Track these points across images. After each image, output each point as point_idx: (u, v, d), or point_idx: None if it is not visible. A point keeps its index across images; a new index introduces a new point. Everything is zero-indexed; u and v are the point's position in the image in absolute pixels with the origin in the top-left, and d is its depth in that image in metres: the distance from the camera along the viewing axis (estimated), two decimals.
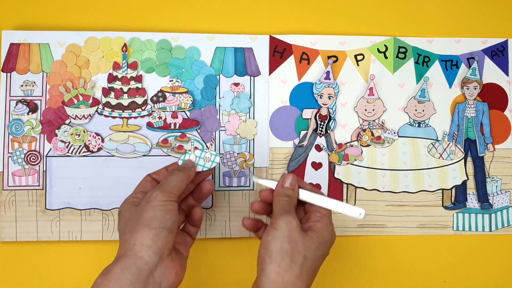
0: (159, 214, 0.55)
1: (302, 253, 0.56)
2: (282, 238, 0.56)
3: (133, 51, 0.75)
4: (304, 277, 0.56)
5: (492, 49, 0.78)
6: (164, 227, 0.55)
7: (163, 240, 0.54)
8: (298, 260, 0.56)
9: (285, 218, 0.58)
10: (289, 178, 0.62)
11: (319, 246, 0.58)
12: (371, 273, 0.76)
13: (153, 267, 0.54)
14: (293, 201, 0.61)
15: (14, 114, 0.73)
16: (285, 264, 0.55)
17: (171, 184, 0.59)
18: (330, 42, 0.77)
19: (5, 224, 0.72)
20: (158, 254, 0.54)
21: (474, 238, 0.77)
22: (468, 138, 0.78)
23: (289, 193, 0.61)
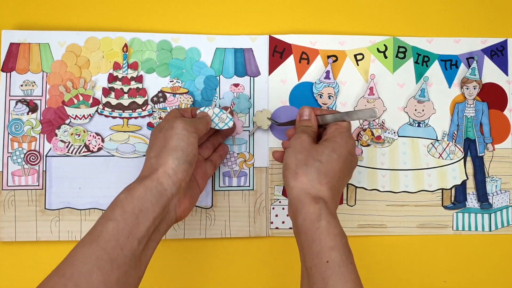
0: (183, 144, 0.57)
1: (316, 158, 0.59)
2: (294, 151, 0.61)
3: (133, 51, 0.75)
4: (323, 179, 0.58)
5: (492, 49, 0.79)
6: (186, 160, 0.57)
7: (183, 172, 0.57)
8: (313, 164, 0.59)
9: (296, 136, 0.63)
10: (305, 111, 0.67)
11: (333, 150, 0.61)
12: (371, 273, 0.76)
13: (170, 195, 0.56)
14: (311, 128, 0.66)
15: (14, 114, 0.73)
16: (301, 170, 0.59)
17: (194, 121, 0.62)
18: (330, 41, 0.77)
19: (5, 224, 0.71)
20: (176, 184, 0.56)
21: (474, 238, 0.77)
22: (468, 138, 0.78)
23: (306, 123, 0.66)
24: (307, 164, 0.59)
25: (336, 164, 0.60)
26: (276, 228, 0.75)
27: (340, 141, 0.62)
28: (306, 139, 0.62)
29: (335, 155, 0.60)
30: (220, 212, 0.74)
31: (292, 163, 0.60)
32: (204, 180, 0.66)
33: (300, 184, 0.58)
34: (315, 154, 0.60)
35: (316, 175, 0.58)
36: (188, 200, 0.60)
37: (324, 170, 0.59)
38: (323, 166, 0.59)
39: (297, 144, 0.62)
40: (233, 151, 0.75)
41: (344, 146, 0.62)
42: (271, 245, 0.75)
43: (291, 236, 0.75)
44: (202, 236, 0.74)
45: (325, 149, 0.61)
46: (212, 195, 0.74)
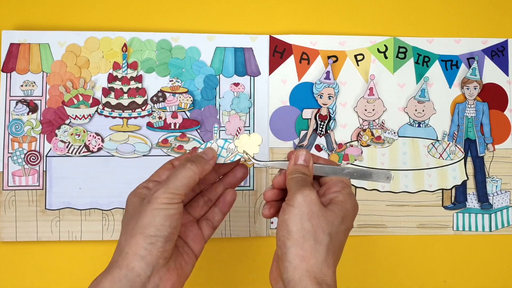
0: (157, 220, 0.48)
1: (326, 231, 0.49)
2: (301, 215, 0.49)
3: (133, 51, 0.75)
4: (330, 259, 0.49)
5: (492, 49, 0.78)
6: (161, 235, 0.48)
7: (158, 250, 0.48)
8: (323, 241, 0.48)
9: (303, 192, 0.50)
10: (302, 154, 0.54)
11: (342, 220, 0.50)
12: (371, 273, 0.76)
13: (145, 279, 0.48)
14: (308, 178, 0.53)
15: (14, 114, 0.73)
16: (308, 246, 0.48)
17: (178, 182, 0.50)
18: (330, 42, 0.77)
19: (5, 224, 0.72)
20: (151, 265, 0.48)
21: (474, 238, 0.77)
22: (468, 138, 0.78)
23: (304, 170, 0.53)
24: (316, 240, 0.48)
25: (343, 237, 0.51)
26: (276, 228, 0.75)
27: (350, 208, 0.51)
28: (315, 199, 0.49)
29: (344, 227, 0.50)
30: None
31: (298, 233, 0.48)
32: (199, 244, 0.55)
33: (306, 266, 0.47)
34: (325, 224, 0.49)
35: (325, 255, 0.48)
36: (175, 275, 0.51)
37: (333, 248, 0.49)
38: (332, 242, 0.49)
39: (304, 205, 0.49)
40: None
41: (352, 215, 0.52)
42: (271, 245, 0.75)
43: None
44: None
45: (335, 219, 0.50)
46: None
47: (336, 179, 0.54)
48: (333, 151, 0.76)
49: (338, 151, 0.76)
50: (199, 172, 0.51)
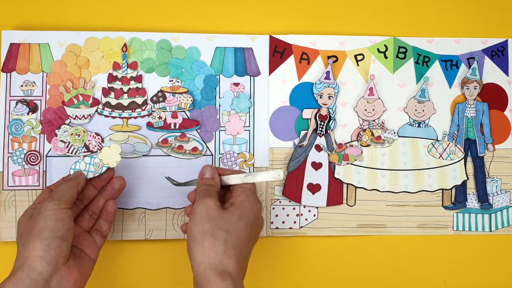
0: (50, 223, 0.55)
1: (223, 228, 0.57)
2: (201, 219, 0.57)
3: (133, 51, 0.75)
4: (230, 251, 0.56)
5: (492, 49, 0.79)
6: (56, 236, 0.55)
7: (56, 249, 0.54)
8: (220, 236, 0.56)
9: (201, 201, 0.59)
10: (207, 169, 0.64)
11: (241, 217, 0.58)
12: (371, 273, 0.76)
13: (48, 277, 0.54)
14: (214, 188, 0.62)
15: (14, 114, 0.73)
16: (207, 242, 0.56)
17: (61, 192, 0.59)
18: (330, 42, 0.77)
19: (5, 224, 0.72)
20: (51, 264, 0.54)
21: (474, 238, 0.77)
22: (468, 138, 0.78)
23: (209, 182, 0.63)
24: (215, 236, 0.56)
25: (244, 231, 0.58)
26: (276, 228, 0.75)
27: (248, 206, 0.60)
28: (213, 204, 0.58)
29: (243, 223, 0.58)
30: None
31: (198, 234, 0.56)
32: (93, 249, 0.62)
33: (207, 259, 0.55)
34: (222, 223, 0.57)
35: (223, 248, 0.55)
36: (76, 272, 0.57)
37: (232, 242, 0.56)
38: (231, 236, 0.56)
39: (203, 211, 0.58)
40: (233, 151, 0.75)
41: (251, 211, 0.60)
42: (271, 245, 0.75)
43: (291, 236, 0.75)
44: None
45: (232, 217, 0.58)
46: None
47: (238, 186, 0.64)
48: (333, 151, 0.76)
49: (338, 151, 0.76)
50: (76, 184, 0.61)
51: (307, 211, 0.75)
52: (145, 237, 0.73)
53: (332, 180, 0.76)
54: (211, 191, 0.61)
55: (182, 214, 0.74)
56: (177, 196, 0.73)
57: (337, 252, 0.76)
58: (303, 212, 0.75)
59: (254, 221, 0.60)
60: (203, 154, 0.74)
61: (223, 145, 0.75)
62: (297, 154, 0.76)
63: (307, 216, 0.75)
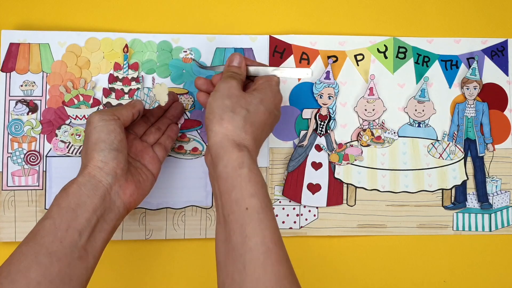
0: (102, 135, 0.57)
1: (243, 107, 0.58)
2: (222, 96, 0.58)
3: (134, 52, 0.75)
4: (248, 128, 0.57)
5: (492, 49, 0.79)
6: (111, 148, 0.57)
7: (113, 160, 0.57)
8: (240, 113, 0.57)
9: (224, 80, 0.61)
10: (236, 57, 0.64)
11: (261, 101, 0.59)
12: (371, 273, 0.76)
13: (107, 185, 0.57)
14: (240, 76, 0.63)
15: (14, 114, 0.73)
16: (226, 116, 0.57)
17: (113, 109, 0.61)
18: (330, 42, 0.77)
19: (5, 225, 0.71)
20: (110, 174, 0.57)
21: (474, 238, 0.77)
22: (468, 138, 0.78)
23: (235, 70, 0.64)
24: (234, 111, 0.57)
25: (262, 115, 0.59)
26: None
27: (270, 94, 0.61)
28: (236, 85, 0.60)
29: (263, 107, 0.59)
30: None
31: (218, 108, 0.57)
32: (155, 164, 0.65)
33: (225, 130, 0.56)
34: (243, 102, 0.58)
35: (243, 123, 0.57)
36: (133, 185, 0.59)
37: (250, 120, 0.57)
38: (250, 115, 0.58)
39: (225, 89, 0.59)
40: None
41: (272, 99, 0.61)
42: None
43: (291, 236, 0.75)
44: (202, 236, 0.74)
45: (253, 99, 0.59)
46: (212, 195, 0.74)
47: (263, 76, 0.64)
48: (333, 151, 0.76)
49: (338, 151, 0.76)
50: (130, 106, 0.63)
51: (307, 211, 0.75)
52: (145, 237, 0.73)
53: (332, 180, 0.76)
54: (235, 77, 0.62)
55: (182, 214, 0.74)
56: (177, 196, 0.73)
57: (337, 252, 0.76)
58: (303, 212, 0.75)
59: (273, 109, 0.61)
60: (203, 154, 0.74)
61: None
62: (297, 154, 0.76)
63: (307, 216, 0.75)
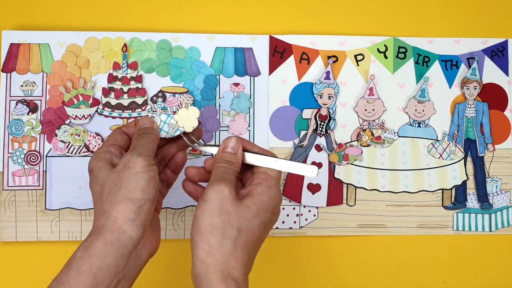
0: (142, 183, 0.50)
1: (235, 226, 0.49)
2: (211, 210, 0.49)
3: (133, 51, 0.75)
4: (239, 253, 0.49)
5: (492, 49, 0.79)
6: (147, 198, 0.50)
7: (146, 212, 0.50)
8: (230, 235, 0.49)
9: (215, 187, 0.50)
10: (231, 141, 0.55)
11: (257, 214, 0.50)
12: (371, 273, 0.76)
13: (137, 240, 0.50)
14: (234, 168, 0.54)
15: (14, 114, 0.73)
16: (215, 241, 0.49)
17: (146, 146, 0.53)
18: (330, 42, 0.77)
19: (5, 224, 0.72)
20: (141, 227, 0.50)
21: (474, 238, 0.77)
22: (468, 138, 0.78)
23: (230, 159, 0.54)
24: (224, 235, 0.49)
25: (257, 231, 0.51)
26: (276, 228, 0.75)
27: (268, 201, 0.51)
28: (228, 194, 0.50)
29: (258, 221, 0.50)
30: None
31: (206, 229, 0.49)
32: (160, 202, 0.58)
33: (212, 260, 0.48)
34: (235, 219, 0.49)
35: (232, 249, 0.49)
36: (157, 232, 0.54)
37: (242, 242, 0.49)
38: (242, 236, 0.49)
39: (216, 201, 0.50)
40: None
41: (269, 207, 0.52)
42: (271, 245, 0.75)
43: (291, 236, 0.75)
44: None
45: (247, 213, 0.50)
46: None
47: (262, 169, 0.54)
48: (333, 151, 0.76)
49: (338, 151, 0.76)
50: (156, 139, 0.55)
51: (307, 211, 0.75)
52: None
53: (332, 180, 0.76)
54: (229, 173, 0.53)
55: (182, 214, 0.74)
56: (177, 196, 0.73)
57: (337, 252, 0.76)
58: (303, 212, 0.75)
59: (270, 217, 0.52)
60: (203, 154, 0.74)
61: None
62: (297, 154, 0.76)
63: (307, 216, 0.75)
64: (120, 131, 0.57)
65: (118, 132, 0.57)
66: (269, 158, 0.55)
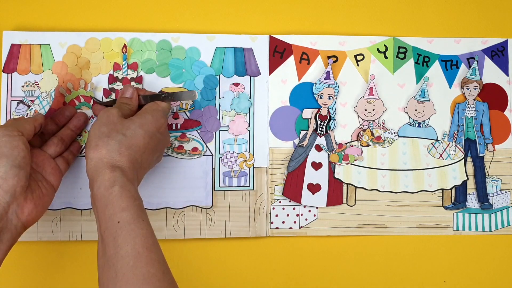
0: (5, 150, 0.55)
1: (120, 132, 0.59)
2: (99, 123, 0.60)
3: (133, 51, 0.75)
4: (124, 151, 0.58)
5: (492, 49, 0.78)
6: (13, 164, 0.55)
7: (14, 177, 0.55)
8: (115, 137, 0.59)
9: (105, 109, 0.63)
10: (128, 88, 0.67)
11: (140, 126, 0.61)
12: (371, 273, 0.76)
13: (5, 205, 0.54)
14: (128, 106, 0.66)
15: (15, 115, 0.73)
16: (101, 142, 0.58)
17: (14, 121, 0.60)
18: (330, 42, 0.77)
19: None
20: (9, 192, 0.54)
21: (474, 238, 0.77)
22: (468, 138, 0.78)
23: (125, 101, 0.66)
24: (109, 137, 0.58)
25: (141, 139, 0.60)
26: (276, 228, 0.75)
27: (150, 118, 0.63)
28: (115, 113, 0.61)
29: (142, 131, 0.61)
30: (220, 212, 0.74)
31: (95, 136, 0.59)
32: (56, 177, 0.64)
33: (99, 155, 0.57)
34: (120, 127, 0.60)
35: (117, 146, 0.58)
36: (32, 203, 0.58)
37: (127, 144, 0.59)
38: (126, 139, 0.59)
39: (104, 117, 0.61)
40: (233, 151, 0.75)
41: (153, 123, 0.62)
42: (271, 245, 0.75)
43: (291, 236, 0.75)
44: (202, 236, 0.74)
45: (131, 124, 0.61)
46: (212, 195, 0.74)
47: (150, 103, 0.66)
48: (333, 151, 0.76)
49: (338, 151, 0.76)
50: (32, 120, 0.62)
51: (307, 211, 0.76)
52: None
53: (332, 180, 0.76)
54: (122, 106, 0.65)
55: (182, 214, 0.74)
56: (177, 196, 0.74)
57: (337, 252, 0.76)
58: (303, 212, 0.75)
59: (155, 133, 0.62)
60: (203, 154, 0.74)
61: (223, 145, 0.75)
62: (297, 154, 0.76)
63: (307, 216, 0.75)
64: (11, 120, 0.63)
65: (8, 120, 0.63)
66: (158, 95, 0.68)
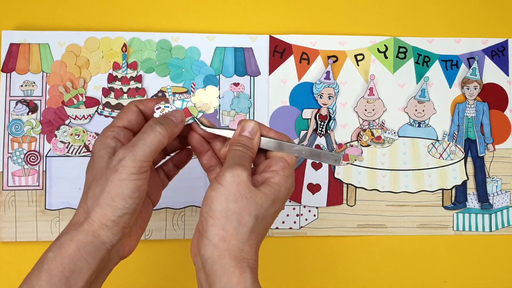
0: (126, 192, 0.46)
1: (252, 214, 0.47)
2: (227, 195, 0.47)
3: (133, 51, 0.75)
4: (253, 241, 0.47)
5: (492, 49, 0.78)
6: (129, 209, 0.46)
7: (125, 222, 0.47)
8: (247, 222, 0.47)
9: (233, 171, 0.47)
10: (249, 125, 0.50)
11: (273, 204, 0.48)
12: (371, 273, 0.76)
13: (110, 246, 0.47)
14: (250, 153, 0.50)
15: (14, 114, 0.73)
16: (231, 227, 0.46)
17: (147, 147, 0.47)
18: (330, 42, 0.77)
19: (5, 224, 0.72)
20: (118, 235, 0.47)
21: (474, 238, 0.77)
22: (468, 138, 0.78)
23: (247, 143, 0.50)
24: (240, 222, 0.47)
25: (270, 219, 0.49)
26: (276, 228, 0.75)
27: (283, 191, 0.49)
28: (245, 179, 0.47)
29: (273, 210, 0.49)
30: None
31: (221, 213, 0.46)
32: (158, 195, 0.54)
33: (227, 245, 0.46)
34: (253, 207, 0.47)
35: (248, 237, 0.47)
36: (135, 237, 0.51)
37: (258, 229, 0.48)
38: (258, 223, 0.48)
39: (234, 186, 0.47)
40: None
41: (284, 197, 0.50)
42: (271, 245, 0.75)
43: (291, 236, 0.75)
44: None
45: (265, 202, 0.48)
46: None
47: (279, 156, 0.51)
48: (333, 151, 0.76)
49: (338, 151, 0.76)
50: (168, 136, 0.48)
51: (307, 211, 0.75)
52: (145, 237, 0.73)
53: (332, 180, 0.76)
54: (245, 158, 0.49)
55: (182, 214, 0.74)
56: (177, 196, 0.73)
57: (337, 252, 0.76)
58: (303, 212, 0.75)
59: (281, 207, 0.50)
60: None
61: None
62: None
63: (307, 216, 0.75)
64: (136, 109, 0.51)
65: (133, 110, 0.51)
66: (288, 144, 0.51)
